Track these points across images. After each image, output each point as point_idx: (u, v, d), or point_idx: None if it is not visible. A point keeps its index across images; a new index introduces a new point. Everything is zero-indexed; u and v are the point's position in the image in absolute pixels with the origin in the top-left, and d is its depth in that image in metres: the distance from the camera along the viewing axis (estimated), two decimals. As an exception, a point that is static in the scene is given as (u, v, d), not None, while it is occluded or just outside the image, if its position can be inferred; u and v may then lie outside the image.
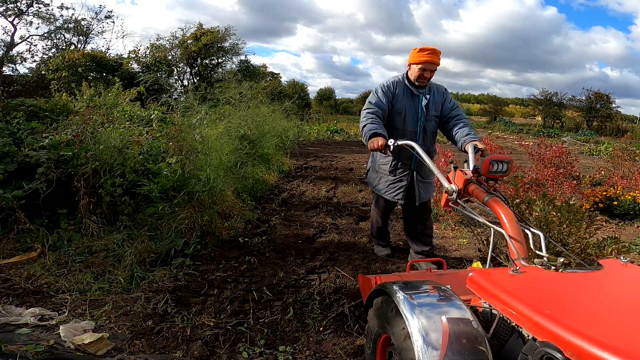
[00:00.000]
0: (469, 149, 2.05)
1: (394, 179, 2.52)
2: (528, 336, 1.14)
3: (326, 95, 39.32)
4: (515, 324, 1.18)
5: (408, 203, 2.60)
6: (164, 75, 16.10)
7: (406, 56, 2.56)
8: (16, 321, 2.11)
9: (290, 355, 2.04)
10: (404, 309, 1.27)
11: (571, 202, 2.82)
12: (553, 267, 1.33)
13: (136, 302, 2.45)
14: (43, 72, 14.36)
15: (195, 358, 1.95)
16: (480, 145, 2.14)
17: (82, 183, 3.18)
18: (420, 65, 2.34)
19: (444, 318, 1.20)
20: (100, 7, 23.28)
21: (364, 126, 2.29)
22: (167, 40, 18.11)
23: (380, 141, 2.10)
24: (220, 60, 19.39)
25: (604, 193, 5.00)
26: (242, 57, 20.09)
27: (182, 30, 18.27)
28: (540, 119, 34.61)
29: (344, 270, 2.96)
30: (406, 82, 2.45)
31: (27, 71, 16.69)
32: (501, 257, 2.30)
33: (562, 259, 1.35)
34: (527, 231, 1.50)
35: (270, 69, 24.72)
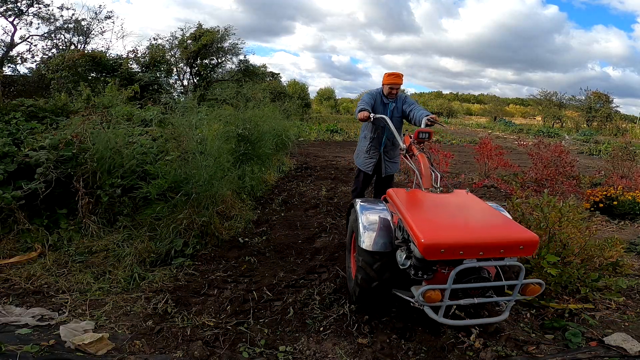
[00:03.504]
0: (423, 122, 3.10)
1: (368, 157, 3.64)
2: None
3: (326, 95, 39.19)
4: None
5: (378, 175, 3.73)
6: (162, 75, 16.03)
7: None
8: (16, 321, 2.11)
9: (290, 355, 2.04)
10: (358, 210, 2.44)
11: (571, 202, 2.83)
12: (431, 190, 2.41)
13: (136, 302, 2.45)
14: (43, 73, 14.32)
15: (196, 358, 1.95)
16: (431, 118, 3.10)
17: (81, 183, 3.18)
18: (389, 85, 3.42)
19: (377, 216, 2.35)
20: (100, 7, 23.17)
21: (358, 108, 3.37)
22: (167, 40, 18.09)
23: (365, 113, 3.20)
24: (219, 60, 19.34)
25: (604, 193, 5.00)
26: (242, 57, 20.00)
27: (182, 30, 18.25)
28: (540, 119, 34.56)
29: (344, 270, 2.96)
30: (381, 94, 3.52)
31: (27, 71, 16.66)
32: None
33: (440, 188, 2.43)
34: (433, 173, 2.55)
35: (269, 68, 24.59)
